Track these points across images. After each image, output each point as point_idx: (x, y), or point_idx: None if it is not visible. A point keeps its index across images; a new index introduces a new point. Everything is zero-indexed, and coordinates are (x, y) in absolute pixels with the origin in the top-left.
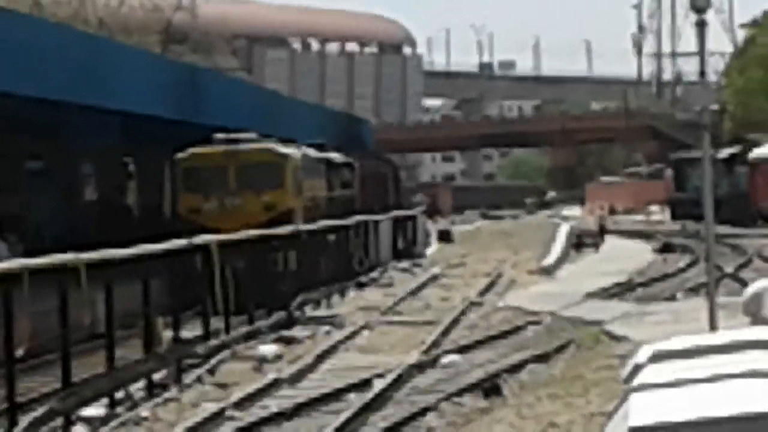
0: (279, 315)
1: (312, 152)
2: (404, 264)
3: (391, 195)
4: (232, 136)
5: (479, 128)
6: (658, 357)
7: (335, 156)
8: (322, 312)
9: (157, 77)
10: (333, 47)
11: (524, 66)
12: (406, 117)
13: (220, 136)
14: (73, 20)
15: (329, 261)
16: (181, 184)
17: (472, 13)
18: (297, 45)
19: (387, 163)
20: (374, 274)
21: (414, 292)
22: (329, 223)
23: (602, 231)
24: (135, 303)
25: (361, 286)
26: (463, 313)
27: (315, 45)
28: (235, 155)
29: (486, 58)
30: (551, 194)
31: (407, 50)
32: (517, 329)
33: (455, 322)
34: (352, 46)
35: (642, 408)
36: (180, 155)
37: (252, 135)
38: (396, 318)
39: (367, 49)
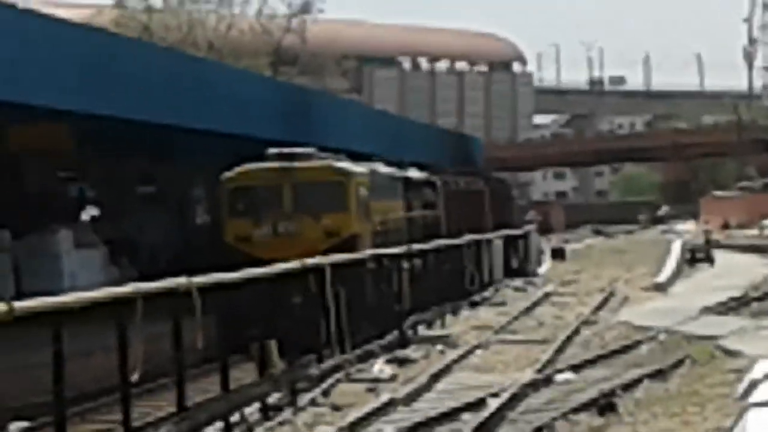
0: (392, 335)
1: (384, 169)
2: (517, 282)
3: (496, 213)
4: (287, 150)
5: (590, 145)
6: None
7: (415, 174)
8: (435, 332)
9: (268, 100)
10: (442, 66)
11: (635, 81)
12: (516, 134)
13: (273, 151)
14: (182, 44)
15: (442, 280)
16: (227, 207)
17: (582, 29)
18: (407, 64)
19: (490, 180)
20: (487, 293)
21: (527, 311)
22: (442, 242)
23: (708, 245)
24: (246, 326)
25: (474, 305)
26: (576, 330)
27: (425, 64)
28: (289, 173)
29: (596, 74)
30: (664, 209)
31: (517, 67)
32: (632, 346)
33: (569, 339)
34: (461, 65)
35: (760, 423)
36: (226, 174)
37: (310, 150)
38: (509, 336)
39: (476, 67)
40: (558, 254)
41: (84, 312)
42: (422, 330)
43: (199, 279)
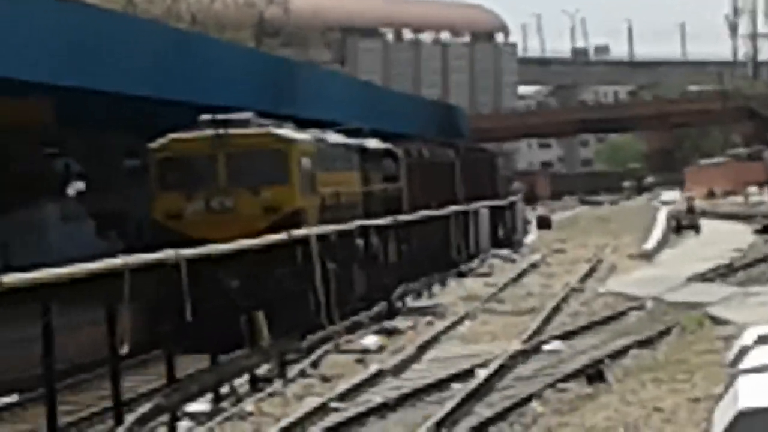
0: (380, 306)
1: (335, 138)
2: (504, 252)
3: (469, 185)
4: (222, 116)
5: (575, 114)
6: (764, 339)
7: (373, 144)
8: (423, 302)
9: (251, 71)
10: (426, 37)
11: (619, 51)
12: (501, 105)
13: (205, 117)
14: (166, 17)
15: (429, 251)
16: (156, 180)
17: None
18: (390, 35)
19: (462, 150)
20: (474, 264)
21: (514, 280)
22: (428, 213)
23: (691, 212)
24: (234, 298)
25: (461, 275)
26: (564, 299)
27: (408, 35)
28: (224, 141)
29: (580, 44)
30: (649, 179)
31: (500, 38)
32: (620, 315)
33: (557, 309)
34: (445, 36)
35: (751, 391)
36: (154, 144)
37: (248, 114)
38: (497, 306)
39: (460, 38)
40: (544, 223)
41: (73, 285)
42: (410, 301)
43: (187, 251)
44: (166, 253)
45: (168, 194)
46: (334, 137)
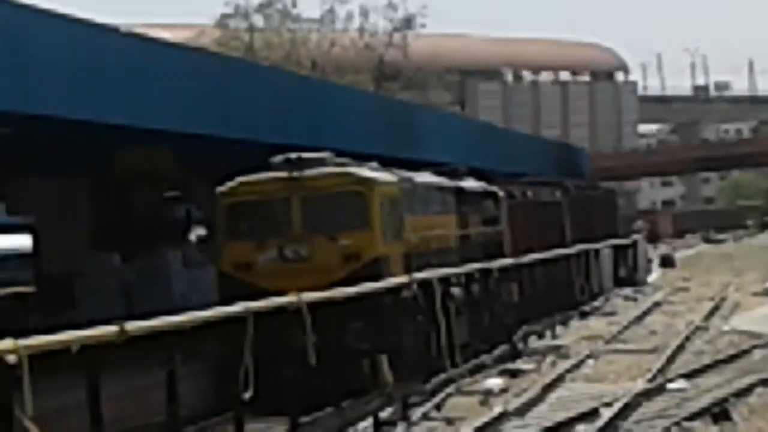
0: (503, 348)
1: (425, 178)
2: (627, 291)
3: (578, 227)
4: (295, 155)
5: (696, 152)
6: None
7: (471, 184)
8: (546, 343)
9: (372, 115)
10: (545, 77)
11: (740, 86)
12: (621, 143)
13: (279, 158)
14: (285, 62)
15: (551, 291)
16: (224, 228)
17: (685, 36)
18: (509, 76)
19: (570, 190)
20: (597, 303)
21: (638, 319)
22: (549, 253)
23: None
24: (356, 342)
25: (584, 315)
26: (688, 338)
27: (527, 75)
28: (299, 184)
29: (700, 81)
30: None
31: (620, 76)
32: (744, 353)
33: (680, 347)
34: (564, 75)
35: None
36: (222, 188)
37: (325, 155)
38: (620, 346)
39: (580, 78)
40: (667, 262)
41: (196, 331)
42: (533, 341)
43: (309, 296)
44: (288, 299)
45: (237, 243)
46: (425, 177)
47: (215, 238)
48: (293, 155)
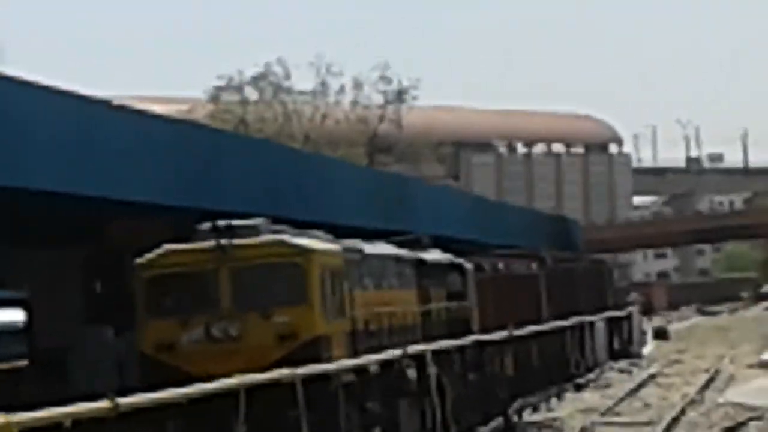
0: (497, 421)
1: (380, 249)
2: (621, 364)
3: (556, 301)
4: (224, 222)
5: (690, 224)
6: None
7: (434, 256)
8: (540, 416)
9: (365, 189)
10: (539, 149)
11: (733, 158)
12: (615, 215)
13: (206, 225)
14: (278, 136)
15: (545, 363)
16: (143, 304)
17: (678, 108)
18: (503, 148)
19: (547, 262)
20: (591, 375)
21: (632, 392)
22: (544, 326)
23: None
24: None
25: (578, 387)
26: (682, 411)
27: (521, 147)
28: (228, 254)
29: (694, 153)
30: (767, 286)
31: (614, 148)
32: (739, 425)
33: (675, 420)
34: (558, 147)
35: None
36: (141, 259)
37: (258, 220)
38: (615, 419)
39: (573, 149)
40: (661, 334)
41: (190, 405)
42: (527, 415)
43: (302, 370)
44: (281, 373)
45: (159, 321)
46: (378, 248)
47: (135, 316)
48: (222, 222)
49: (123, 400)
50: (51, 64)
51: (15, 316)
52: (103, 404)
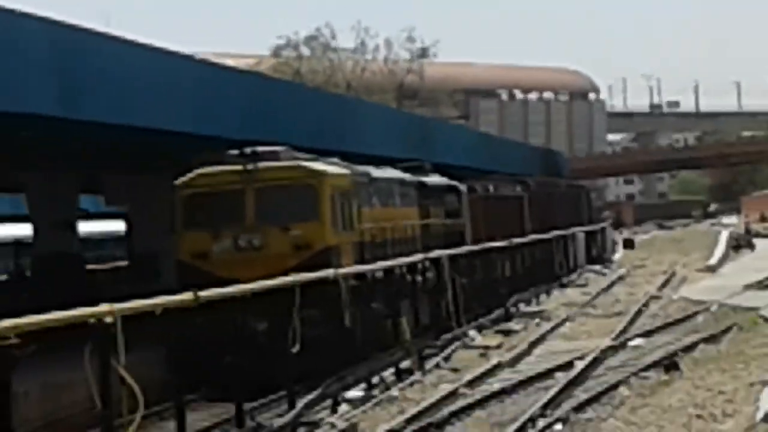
0: (498, 312)
1: (385, 173)
2: (596, 267)
3: (537, 219)
4: (250, 149)
5: (653, 156)
6: None
7: (433, 179)
8: (532, 308)
9: (395, 127)
10: (533, 96)
11: (687, 104)
12: (593, 149)
13: (234, 152)
14: (326, 85)
15: (536, 267)
16: (182, 218)
17: (644, 62)
18: (504, 96)
19: (530, 185)
20: (573, 276)
21: (605, 290)
22: (537, 236)
23: (748, 233)
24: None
25: (562, 286)
26: (645, 305)
27: (519, 95)
28: (253, 176)
29: (656, 100)
30: (713, 206)
31: (592, 96)
32: (690, 317)
33: (639, 312)
34: (548, 95)
35: None
36: (179, 180)
37: (280, 148)
38: (591, 311)
39: (560, 97)
40: (628, 244)
41: (255, 297)
42: (522, 307)
43: (342, 270)
44: (327, 272)
45: (194, 233)
46: (384, 172)
47: (173, 228)
48: (248, 149)
49: (202, 293)
50: (144, 24)
51: (118, 226)
52: (187, 296)
